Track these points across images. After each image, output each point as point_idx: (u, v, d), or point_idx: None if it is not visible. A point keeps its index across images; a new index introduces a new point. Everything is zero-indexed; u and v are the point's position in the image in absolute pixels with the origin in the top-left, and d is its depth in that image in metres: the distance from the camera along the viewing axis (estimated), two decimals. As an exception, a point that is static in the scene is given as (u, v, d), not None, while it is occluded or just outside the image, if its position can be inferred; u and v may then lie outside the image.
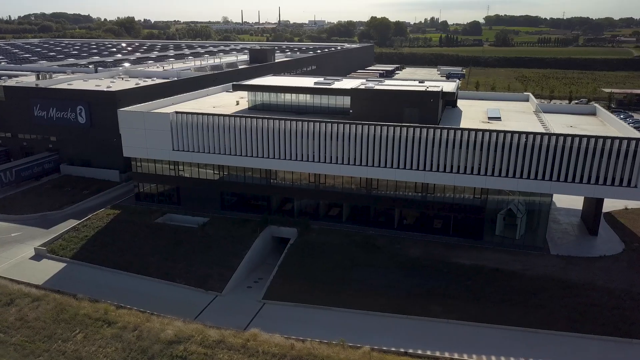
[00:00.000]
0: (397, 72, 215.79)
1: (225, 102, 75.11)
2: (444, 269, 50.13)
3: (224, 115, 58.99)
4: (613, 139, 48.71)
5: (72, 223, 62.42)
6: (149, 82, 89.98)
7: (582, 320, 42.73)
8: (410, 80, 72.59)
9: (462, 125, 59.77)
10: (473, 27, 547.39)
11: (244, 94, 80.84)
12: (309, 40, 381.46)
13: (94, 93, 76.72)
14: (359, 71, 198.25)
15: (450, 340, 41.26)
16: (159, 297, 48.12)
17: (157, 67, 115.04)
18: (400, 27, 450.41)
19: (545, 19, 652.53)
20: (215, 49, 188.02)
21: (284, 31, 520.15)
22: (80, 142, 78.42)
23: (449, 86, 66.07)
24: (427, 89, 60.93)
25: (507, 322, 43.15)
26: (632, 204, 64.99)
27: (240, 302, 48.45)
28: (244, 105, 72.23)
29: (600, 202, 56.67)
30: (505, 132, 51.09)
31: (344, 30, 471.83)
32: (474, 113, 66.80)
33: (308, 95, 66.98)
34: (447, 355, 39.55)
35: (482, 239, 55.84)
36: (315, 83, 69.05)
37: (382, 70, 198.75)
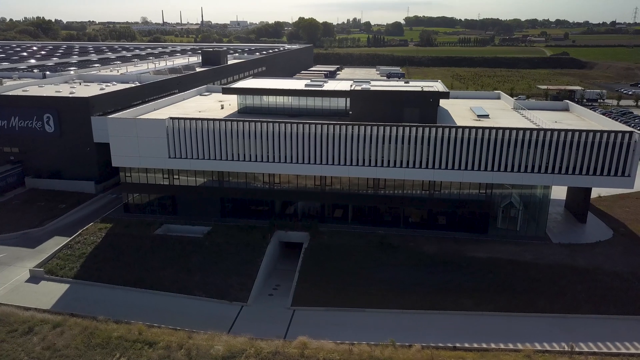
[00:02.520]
0: (338, 72, 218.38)
1: (207, 106, 72.76)
2: (463, 264, 51.78)
3: (224, 120, 57.25)
4: (609, 132, 52.59)
5: (59, 240, 58.16)
6: (112, 86, 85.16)
7: (603, 302, 45.87)
8: (394, 80, 74.10)
9: (455, 124, 61.81)
10: (395, 28, 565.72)
11: (223, 97, 79.21)
12: (238, 42, 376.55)
13: (63, 100, 71.55)
14: (303, 72, 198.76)
15: (490, 332, 42.75)
16: (183, 312, 45.93)
17: (111, 71, 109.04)
18: (328, 28, 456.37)
19: (461, 20, 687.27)
20: (154, 51, 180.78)
21: (208, 32, 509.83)
22: (48, 153, 72.77)
23: (440, 86, 68.18)
24: (424, 89, 62.60)
25: (536, 309, 45.45)
26: (604, 192, 70.40)
27: (269, 310, 47.39)
28: (230, 108, 70.34)
29: (588, 191, 60.96)
30: (510, 129, 53.55)
31: (272, 31, 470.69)
32: (459, 111, 69.25)
33: (301, 98, 66.46)
34: (492, 345, 40.98)
35: (487, 233, 58.21)
36: (307, 85, 68.73)
37: (326, 71, 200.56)
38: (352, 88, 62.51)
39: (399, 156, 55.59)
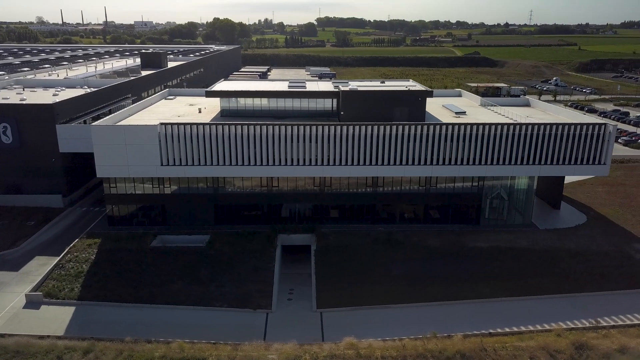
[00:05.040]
0: (268, 73, 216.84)
1: (182, 109, 69.88)
2: (469, 254, 54.23)
3: (221, 124, 55.55)
4: (587, 124, 57.41)
5: (43, 260, 53.71)
6: (64, 91, 78.95)
7: (603, 280, 50.17)
8: (368, 80, 75.45)
9: (440, 121, 64.31)
10: (309, 29, 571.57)
11: (191, 100, 77.10)
12: (151, 42, 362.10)
13: (23, 107, 65.36)
14: (235, 73, 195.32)
15: (514, 316, 45.22)
16: (209, 325, 44.12)
17: (49, 75, 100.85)
18: (244, 29, 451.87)
19: (370, 21, 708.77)
20: (77, 53, 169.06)
21: (115, 32, 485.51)
22: (6, 166, 65.97)
23: (419, 85, 70.53)
24: (409, 88, 64.60)
25: (548, 291, 48.72)
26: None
27: (295, 315, 46.83)
28: (207, 112, 68.09)
29: (562, 180, 66.09)
30: (502, 124, 56.78)
31: (186, 31, 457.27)
32: (435, 109, 71.96)
33: (287, 99, 65.86)
34: (522, 328, 43.43)
35: (479, 224, 61.27)
36: (291, 87, 68.29)
37: (258, 71, 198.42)
38: (342, 89, 62.94)
39: (399, 154, 56.96)
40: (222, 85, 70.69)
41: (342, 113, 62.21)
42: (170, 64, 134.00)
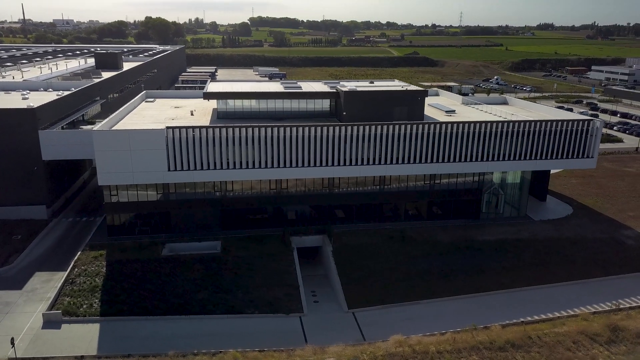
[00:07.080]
0: (216, 74, 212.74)
1: (173, 112, 67.32)
2: (481, 247, 56.24)
3: (231, 127, 54.15)
4: (578, 121, 61.11)
5: (45, 276, 50.36)
6: (29, 94, 73.60)
7: (607, 265, 53.77)
8: (356, 80, 76.07)
9: (436, 120, 66.05)
10: (243, 29, 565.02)
11: (178, 102, 74.80)
12: (79, 42, 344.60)
13: (1, 112, 60.29)
14: (184, 74, 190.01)
15: (539, 303, 47.65)
16: (246, 333, 43.20)
17: (3, 77, 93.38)
18: (179, 28, 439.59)
19: (303, 21, 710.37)
20: (8, 53, 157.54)
21: (35, 31, 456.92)
22: (-19, 176, 60.89)
23: (413, 85, 72.04)
24: (406, 88, 65.96)
25: (560, 279, 51.62)
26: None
27: (329, 317, 46.82)
28: (200, 114, 66.08)
29: (548, 173, 69.91)
30: (503, 122, 59.25)
31: (116, 30, 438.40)
32: (425, 108, 73.56)
33: (285, 100, 65.15)
34: (550, 315, 45.78)
35: (478, 218, 63.62)
36: (286, 87, 67.68)
37: (206, 72, 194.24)
38: (343, 89, 63.09)
39: (406, 153, 58.00)
40: (218, 87, 68.80)
41: (344, 113, 62.36)
42: (132, 66, 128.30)
